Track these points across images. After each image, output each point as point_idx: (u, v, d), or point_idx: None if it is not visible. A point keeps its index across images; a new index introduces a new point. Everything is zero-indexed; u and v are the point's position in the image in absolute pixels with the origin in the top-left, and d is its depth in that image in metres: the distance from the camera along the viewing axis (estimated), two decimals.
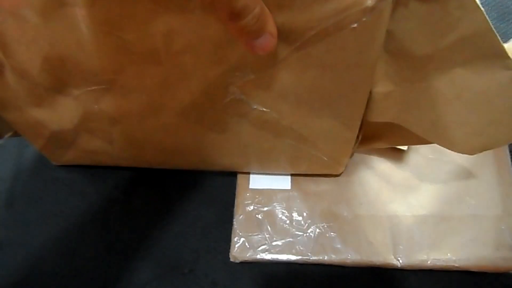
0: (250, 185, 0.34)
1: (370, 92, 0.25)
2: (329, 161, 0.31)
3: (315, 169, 0.32)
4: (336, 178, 0.34)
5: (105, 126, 0.28)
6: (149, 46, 0.21)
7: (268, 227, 0.33)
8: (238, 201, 0.34)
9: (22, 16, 0.20)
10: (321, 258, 0.31)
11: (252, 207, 0.33)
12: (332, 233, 0.32)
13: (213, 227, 0.33)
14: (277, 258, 0.31)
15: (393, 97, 0.25)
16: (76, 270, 0.32)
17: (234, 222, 0.33)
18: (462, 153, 0.25)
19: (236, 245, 0.32)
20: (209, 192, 0.35)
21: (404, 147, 0.34)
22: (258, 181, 0.35)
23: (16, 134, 0.32)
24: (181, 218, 0.34)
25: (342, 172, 0.34)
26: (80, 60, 0.22)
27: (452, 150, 0.25)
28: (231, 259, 0.32)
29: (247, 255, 0.32)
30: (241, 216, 0.33)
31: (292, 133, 0.28)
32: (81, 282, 0.31)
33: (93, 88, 0.24)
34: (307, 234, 0.32)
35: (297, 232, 0.32)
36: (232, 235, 0.32)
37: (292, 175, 0.35)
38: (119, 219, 0.34)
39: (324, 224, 0.33)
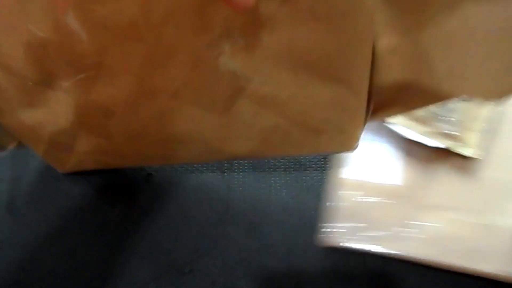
0: (347, 174, 0.34)
1: (374, 49, 0.22)
2: (340, 136, 0.28)
3: (326, 146, 0.30)
4: (450, 179, 0.33)
5: (101, 119, 0.27)
6: (127, 20, 0.20)
7: (362, 217, 0.32)
8: (332, 188, 0.34)
9: None
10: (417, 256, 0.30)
11: (350, 198, 0.33)
12: (431, 236, 0.31)
13: (213, 227, 0.33)
14: (370, 249, 0.31)
15: (400, 50, 0.22)
16: (75, 270, 0.31)
17: (326, 209, 0.33)
18: (485, 99, 0.22)
19: (326, 231, 0.32)
20: (209, 192, 0.34)
21: None
22: (356, 171, 0.35)
23: (21, 144, 0.32)
24: (181, 218, 0.33)
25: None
26: (61, 43, 0.22)
27: (472, 97, 0.23)
28: (319, 244, 0.31)
29: (336, 242, 0.31)
30: (335, 204, 0.33)
31: (295, 106, 0.26)
32: (81, 282, 0.31)
33: (80, 76, 0.24)
34: (403, 231, 0.31)
35: (391, 228, 0.32)
36: (323, 221, 0.32)
37: (396, 167, 0.34)
38: (119, 219, 0.33)
39: (424, 222, 0.32)
